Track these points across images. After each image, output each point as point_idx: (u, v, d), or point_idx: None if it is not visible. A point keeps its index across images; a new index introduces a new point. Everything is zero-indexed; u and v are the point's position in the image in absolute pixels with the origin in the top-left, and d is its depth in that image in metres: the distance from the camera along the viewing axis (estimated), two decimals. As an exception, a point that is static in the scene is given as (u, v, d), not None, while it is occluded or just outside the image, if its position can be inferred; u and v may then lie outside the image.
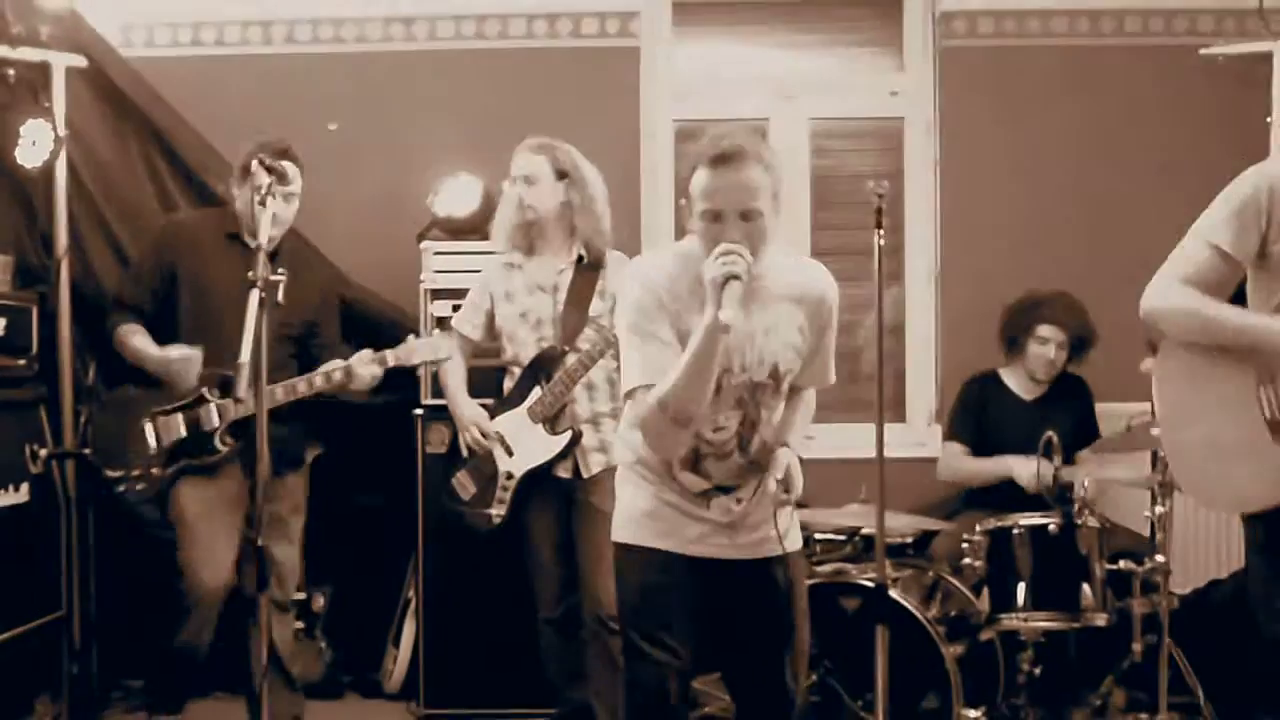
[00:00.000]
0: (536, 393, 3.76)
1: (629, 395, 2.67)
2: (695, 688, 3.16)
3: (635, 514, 2.79)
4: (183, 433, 3.77)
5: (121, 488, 3.78)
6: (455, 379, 3.92)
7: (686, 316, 2.61)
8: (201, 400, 3.76)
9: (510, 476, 3.79)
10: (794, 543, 2.82)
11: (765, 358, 2.69)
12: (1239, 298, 2.94)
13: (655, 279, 2.65)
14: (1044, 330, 4.35)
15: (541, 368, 3.76)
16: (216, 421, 3.75)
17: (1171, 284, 2.86)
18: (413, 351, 3.79)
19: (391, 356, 3.78)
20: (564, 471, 3.75)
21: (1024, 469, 4.20)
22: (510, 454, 3.79)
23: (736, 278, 2.45)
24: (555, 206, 3.80)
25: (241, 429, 3.74)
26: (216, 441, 3.75)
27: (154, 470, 3.77)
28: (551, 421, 3.74)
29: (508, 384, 3.87)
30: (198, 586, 3.73)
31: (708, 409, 2.63)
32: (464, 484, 3.89)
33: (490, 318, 3.90)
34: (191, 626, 3.77)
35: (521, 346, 3.81)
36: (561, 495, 3.78)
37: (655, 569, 2.74)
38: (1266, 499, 2.78)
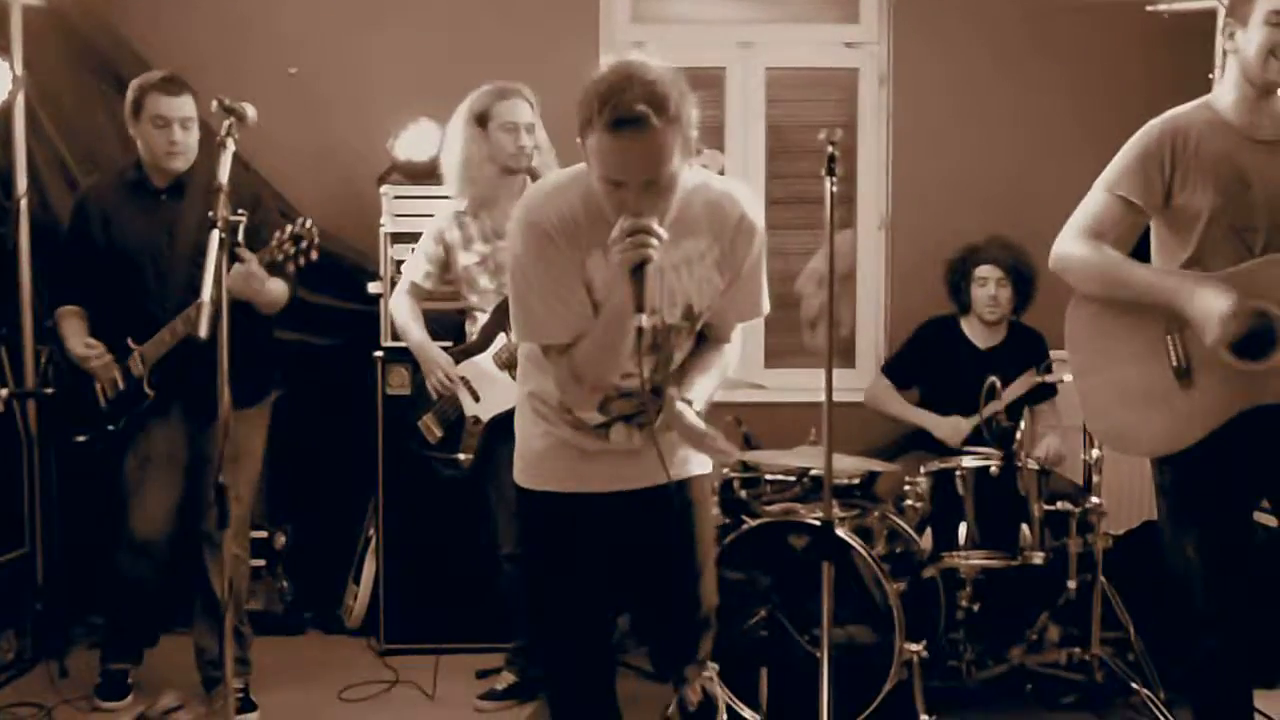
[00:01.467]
0: (501, 339, 3.81)
1: (544, 349, 2.51)
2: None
3: (531, 456, 2.66)
4: (121, 385, 3.77)
5: (82, 438, 3.83)
6: (414, 323, 3.96)
7: (588, 264, 2.41)
8: (128, 350, 3.74)
9: (477, 421, 3.85)
10: (699, 467, 2.71)
11: (678, 298, 2.49)
12: (1143, 250, 3.05)
13: (552, 222, 2.38)
14: (981, 270, 4.44)
15: (505, 313, 3.79)
16: (141, 366, 3.73)
17: (1077, 235, 2.95)
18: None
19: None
20: (528, 415, 3.81)
21: (943, 427, 4.34)
22: (477, 399, 3.85)
23: (647, 261, 2.26)
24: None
25: (178, 380, 3.71)
26: (145, 387, 3.73)
27: (110, 428, 3.79)
28: (516, 367, 3.79)
29: (470, 328, 3.92)
30: (133, 538, 3.80)
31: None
32: (430, 428, 3.95)
33: (444, 266, 3.93)
34: (132, 576, 3.84)
35: (482, 293, 3.86)
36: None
37: (556, 513, 2.63)
38: (1174, 444, 2.90)
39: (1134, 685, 3.86)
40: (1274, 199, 2.80)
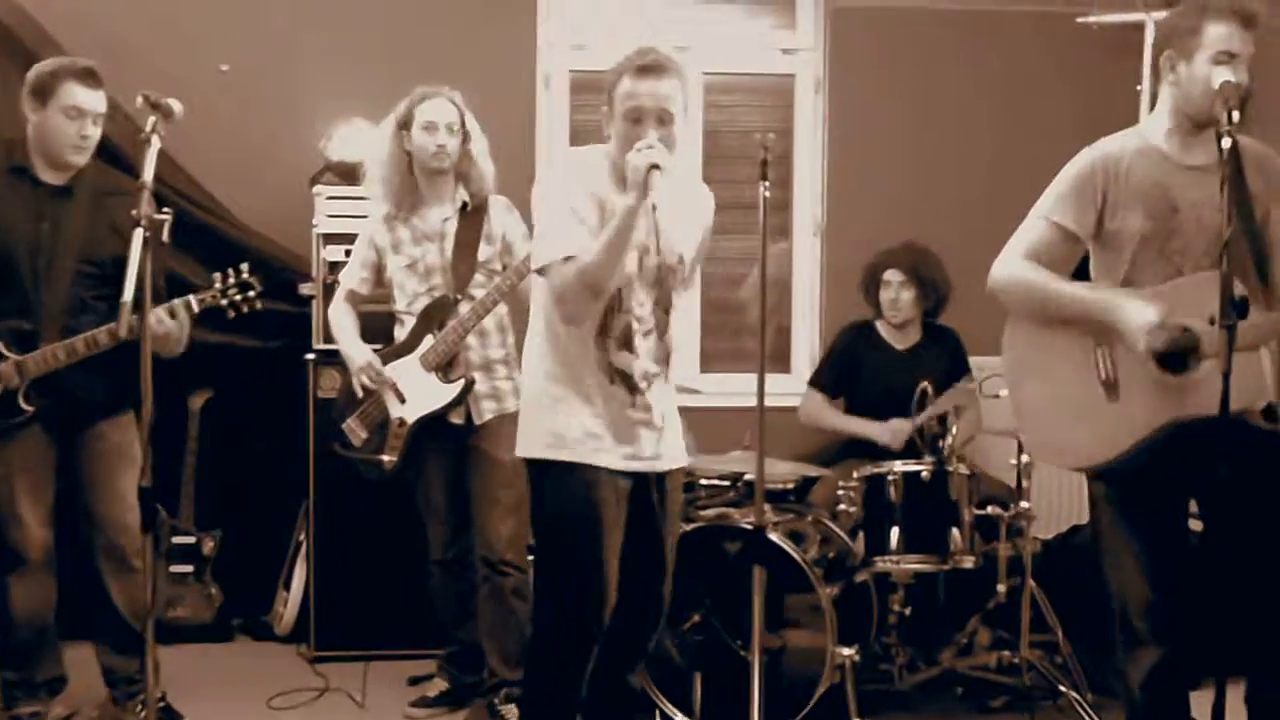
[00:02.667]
0: (429, 341, 3.78)
1: (543, 270, 2.88)
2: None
3: (568, 430, 2.94)
4: None
5: None
6: (347, 328, 3.92)
7: (605, 198, 2.89)
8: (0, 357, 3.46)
9: (403, 423, 3.82)
10: (683, 458, 3.15)
11: (674, 245, 2.98)
12: (1082, 274, 3.10)
13: (579, 161, 3.00)
14: (887, 275, 4.51)
15: (434, 316, 3.78)
16: (17, 380, 3.44)
17: (1015, 260, 3.01)
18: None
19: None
20: (457, 418, 3.79)
21: (883, 433, 4.38)
22: (403, 401, 3.83)
23: (658, 166, 2.73)
24: (458, 154, 3.81)
25: (45, 386, 3.46)
26: (20, 401, 3.45)
27: None
28: (444, 369, 3.78)
29: (399, 332, 3.89)
30: (10, 555, 3.59)
31: (635, 283, 2.93)
32: (355, 430, 3.91)
33: (377, 270, 3.89)
34: (14, 594, 3.61)
35: (412, 297, 3.83)
36: (454, 441, 3.82)
37: (591, 485, 2.92)
38: (1102, 456, 2.94)
39: (1062, 687, 3.91)
40: (1203, 224, 2.84)
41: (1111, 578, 3.04)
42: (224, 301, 3.52)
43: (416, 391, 3.80)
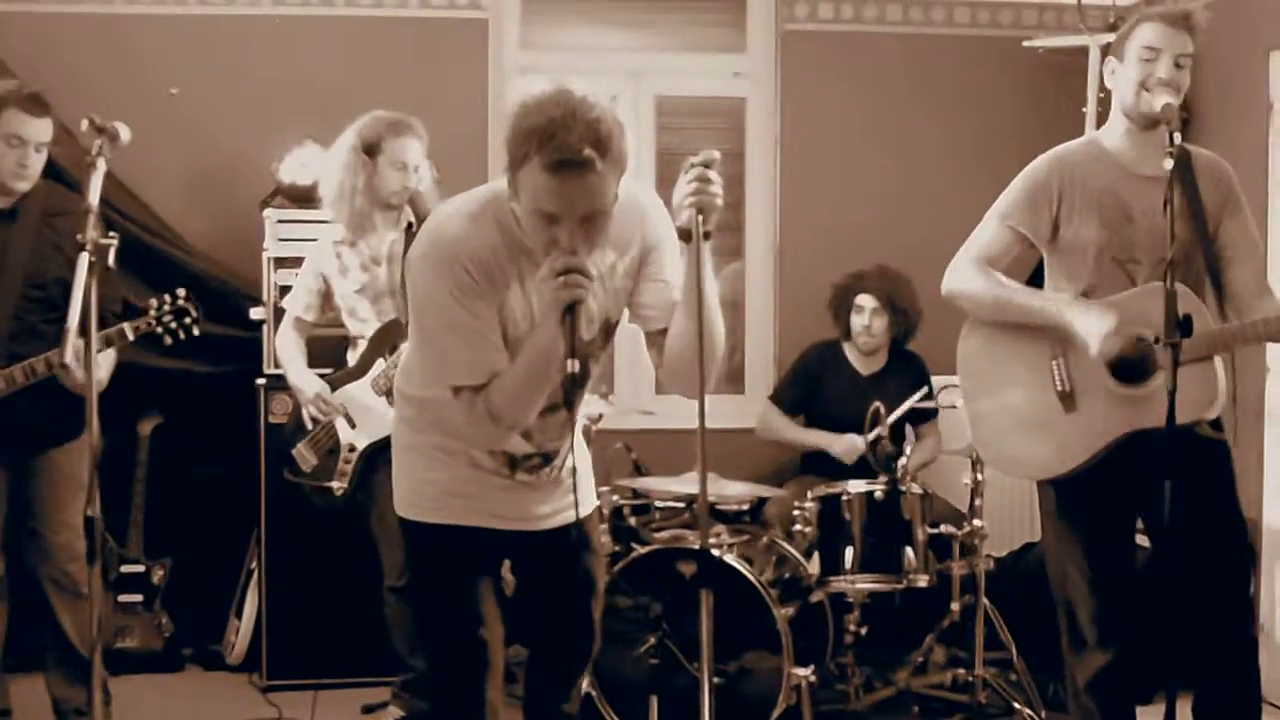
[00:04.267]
0: (380, 365, 3.76)
1: (455, 390, 2.36)
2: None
3: (431, 490, 2.56)
4: None
5: None
6: (294, 357, 3.89)
7: (506, 297, 2.33)
8: None
9: (353, 449, 3.80)
10: (592, 503, 2.76)
11: (596, 315, 2.43)
12: (1038, 277, 3.14)
13: (465, 257, 2.27)
14: (860, 299, 4.52)
15: (385, 340, 3.77)
16: None
17: (969, 264, 3.04)
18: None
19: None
20: (408, 442, 3.76)
21: (838, 445, 4.40)
22: (353, 426, 3.80)
23: (580, 302, 2.18)
24: None
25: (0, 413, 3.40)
26: None
27: None
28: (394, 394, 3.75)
29: (351, 356, 3.87)
30: None
31: None
32: (304, 456, 3.89)
33: (324, 297, 3.88)
34: None
35: (363, 322, 3.82)
36: (406, 465, 3.79)
37: (451, 545, 2.56)
38: (1058, 467, 2.98)
39: (1016, 704, 3.93)
40: (1156, 233, 2.87)
41: (1057, 583, 3.07)
42: (159, 329, 3.46)
43: (366, 417, 3.78)
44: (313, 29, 4.89)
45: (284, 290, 4.22)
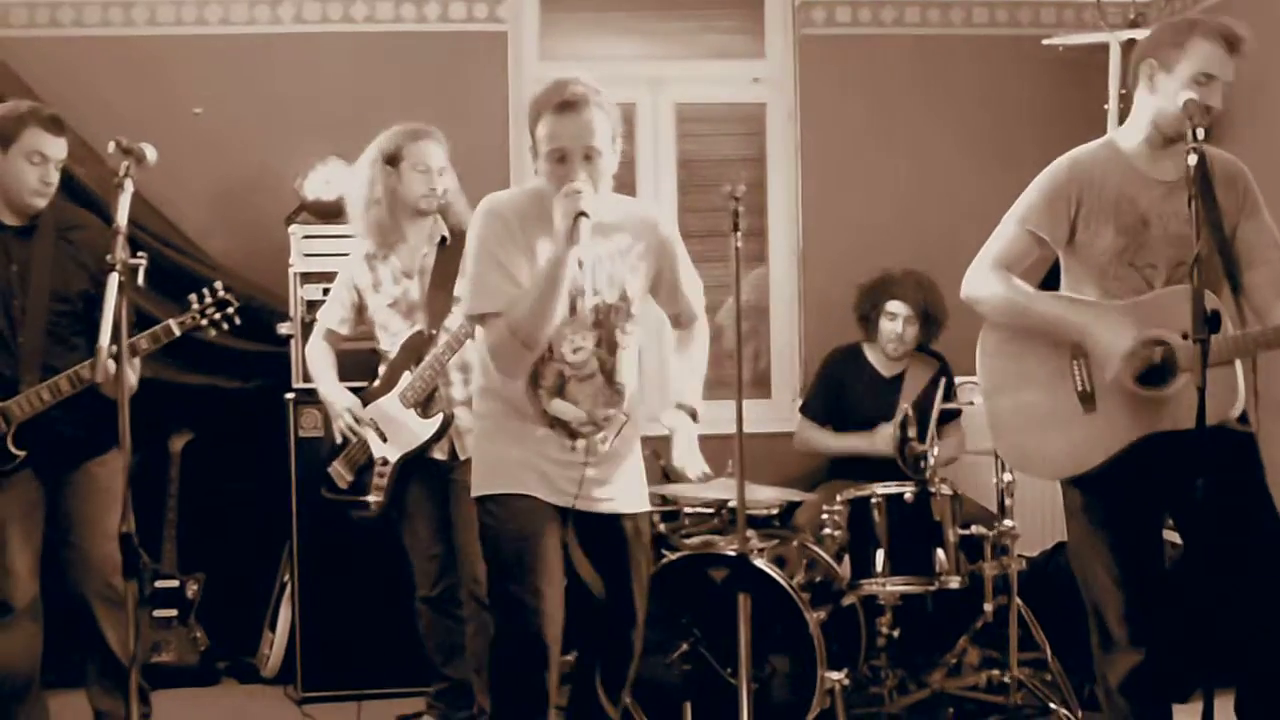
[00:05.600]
0: (407, 377, 3.77)
1: (480, 320, 2.85)
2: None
3: (506, 465, 2.90)
4: None
5: None
6: (325, 370, 3.90)
7: (536, 247, 2.84)
8: None
9: (386, 462, 3.80)
10: (642, 502, 3.08)
11: (614, 280, 2.91)
12: (1054, 278, 3.13)
13: (508, 209, 2.86)
14: (892, 306, 4.50)
15: (411, 352, 3.77)
16: (4, 426, 3.44)
17: (988, 268, 3.03)
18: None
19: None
20: (440, 454, 3.78)
21: (872, 441, 4.40)
22: (384, 440, 3.81)
23: (585, 214, 2.68)
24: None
25: (32, 429, 3.46)
26: (10, 446, 3.45)
27: None
28: (423, 405, 3.77)
29: (382, 370, 3.87)
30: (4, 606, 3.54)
31: (566, 330, 2.86)
32: (340, 473, 3.88)
33: (357, 310, 3.87)
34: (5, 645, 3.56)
35: (395, 336, 3.81)
36: (438, 477, 3.81)
37: (530, 518, 2.88)
38: (1076, 467, 2.97)
39: (1052, 705, 3.90)
40: (1172, 237, 2.87)
41: (1085, 584, 3.06)
42: (204, 321, 3.56)
43: (397, 430, 3.79)
44: (334, 45, 4.92)
45: (311, 305, 4.26)
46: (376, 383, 3.87)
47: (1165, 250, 2.90)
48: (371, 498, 3.81)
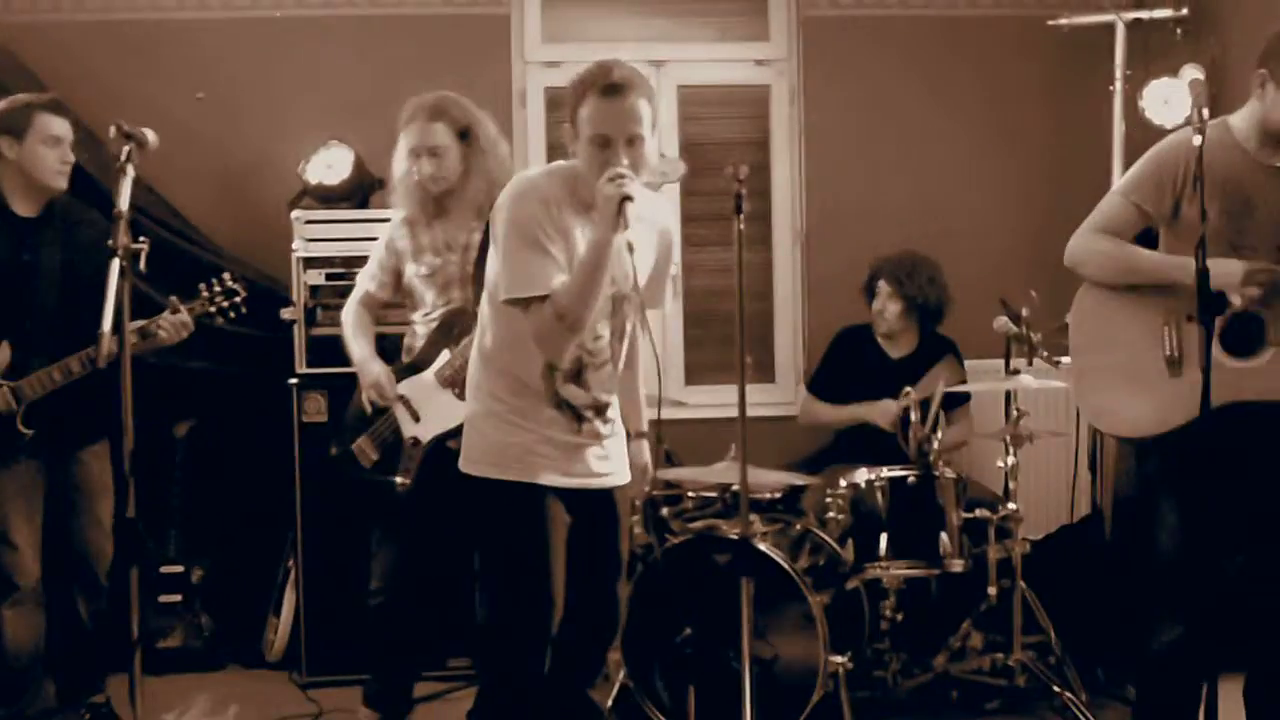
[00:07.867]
0: (445, 355, 3.60)
1: (522, 304, 2.77)
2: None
3: (515, 449, 2.87)
4: None
5: None
6: (359, 334, 3.74)
7: (572, 230, 2.81)
8: None
9: (417, 443, 3.63)
10: (626, 475, 3.10)
11: (630, 271, 2.82)
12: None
13: (545, 193, 2.81)
14: (880, 285, 4.52)
15: (450, 329, 3.62)
16: (14, 404, 3.53)
17: (1091, 232, 3.09)
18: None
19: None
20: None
21: (876, 411, 4.39)
22: (417, 419, 3.65)
23: (630, 198, 2.66)
24: (463, 169, 3.63)
25: (39, 413, 3.55)
26: (20, 425, 3.54)
27: None
28: (460, 385, 3.37)
29: (409, 344, 3.73)
30: (8, 585, 3.61)
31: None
32: (365, 451, 3.72)
33: (396, 275, 3.73)
34: (6, 624, 3.62)
35: (430, 308, 3.67)
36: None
37: (533, 502, 2.87)
38: (1156, 426, 3.03)
39: (1056, 688, 3.90)
40: (1274, 223, 2.92)
41: (1157, 543, 3.07)
42: (212, 308, 3.66)
43: (432, 408, 3.61)
44: (336, 29, 4.91)
45: (314, 290, 4.25)
46: (411, 358, 3.71)
47: (1266, 234, 2.95)
48: (399, 478, 3.65)
